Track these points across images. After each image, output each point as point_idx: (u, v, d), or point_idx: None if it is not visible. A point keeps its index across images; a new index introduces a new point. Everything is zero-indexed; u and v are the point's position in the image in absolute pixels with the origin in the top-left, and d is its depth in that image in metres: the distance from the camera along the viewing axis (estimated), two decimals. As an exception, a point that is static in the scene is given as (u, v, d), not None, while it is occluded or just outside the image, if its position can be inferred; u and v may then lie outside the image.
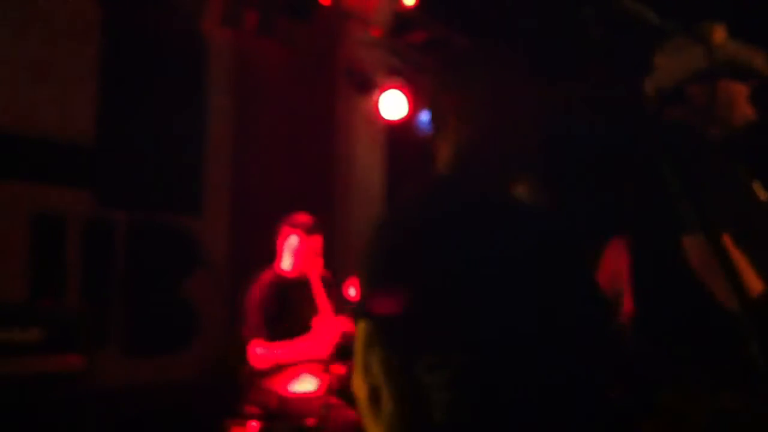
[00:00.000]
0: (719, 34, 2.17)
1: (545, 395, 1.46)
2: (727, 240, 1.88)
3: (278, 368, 3.77)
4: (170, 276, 5.00)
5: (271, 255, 4.07)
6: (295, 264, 3.98)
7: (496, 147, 1.60)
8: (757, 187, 2.15)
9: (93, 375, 3.88)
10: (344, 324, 3.77)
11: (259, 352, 3.74)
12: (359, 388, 1.53)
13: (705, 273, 1.90)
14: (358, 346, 1.54)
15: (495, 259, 1.49)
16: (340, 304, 3.93)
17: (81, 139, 4.70)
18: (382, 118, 5.42)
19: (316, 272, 3.96)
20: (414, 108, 5.38)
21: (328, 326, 3.79)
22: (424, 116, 5.30)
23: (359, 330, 1.55)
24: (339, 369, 3.77)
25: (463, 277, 1.48)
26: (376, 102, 5.38)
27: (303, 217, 4.03)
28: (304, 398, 3.78)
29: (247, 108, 5.39)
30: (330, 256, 4.13)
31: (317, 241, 3.99)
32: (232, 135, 5.39)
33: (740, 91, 2.21)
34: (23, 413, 3.62)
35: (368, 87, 5.36)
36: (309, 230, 3.97)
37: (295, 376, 3.80)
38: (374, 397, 1.49)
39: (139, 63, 4.96)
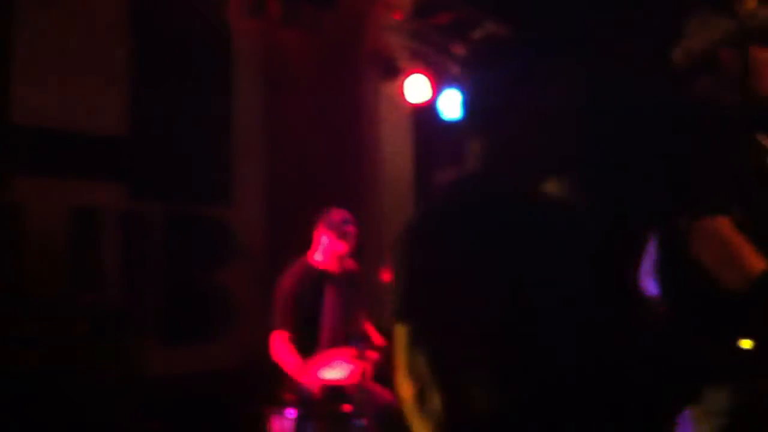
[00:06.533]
0: (751, 1, 2.15)
1: (576, 385, 1.47)
2: (728, 223, 1.89)
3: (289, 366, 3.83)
4: (207, 266, 5.07)
5: (306, 243, 4.09)
6: (325, 259, 4.03)
7: (528, 142, 1.57)
8: None
9: (132, 365, 3.97)
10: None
11: (277, 347, 3.82)
12: (404, 388, 1.54)
13: (707, 258, 1.91)
14: (400, 347, 1.55)
15: (521, 257, 1.50)
16: (368, 297, 4.00)
17: (115, 133, 4.78)
18: (407, 101, 5.42)
19: (343, 271, 4.03)
20: (438, 91, 5.35)
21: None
22: (449, 100, 5.27)
23: (399, 332, 1.55)
24: (373, 355, 3.81)
25: (486, 273, 1.50)
26: (401, 86, 5.37)
27: (336, 215, 3.99)
28: (341, 384, 3.83)
29: (276, 97, 5.42)
30: (360, 237, 4.13)
31: (347, 242, 3.99)
32: (262, 124, 5.42)
33: None
34: (66, 403, 3.73)
35: (394, 72, 5.35)
36: (340, 231, 3.96)
37: (330, 362, 3.85)
38: (421, 396, 1.50)
39: (169, 56, 5.01)
